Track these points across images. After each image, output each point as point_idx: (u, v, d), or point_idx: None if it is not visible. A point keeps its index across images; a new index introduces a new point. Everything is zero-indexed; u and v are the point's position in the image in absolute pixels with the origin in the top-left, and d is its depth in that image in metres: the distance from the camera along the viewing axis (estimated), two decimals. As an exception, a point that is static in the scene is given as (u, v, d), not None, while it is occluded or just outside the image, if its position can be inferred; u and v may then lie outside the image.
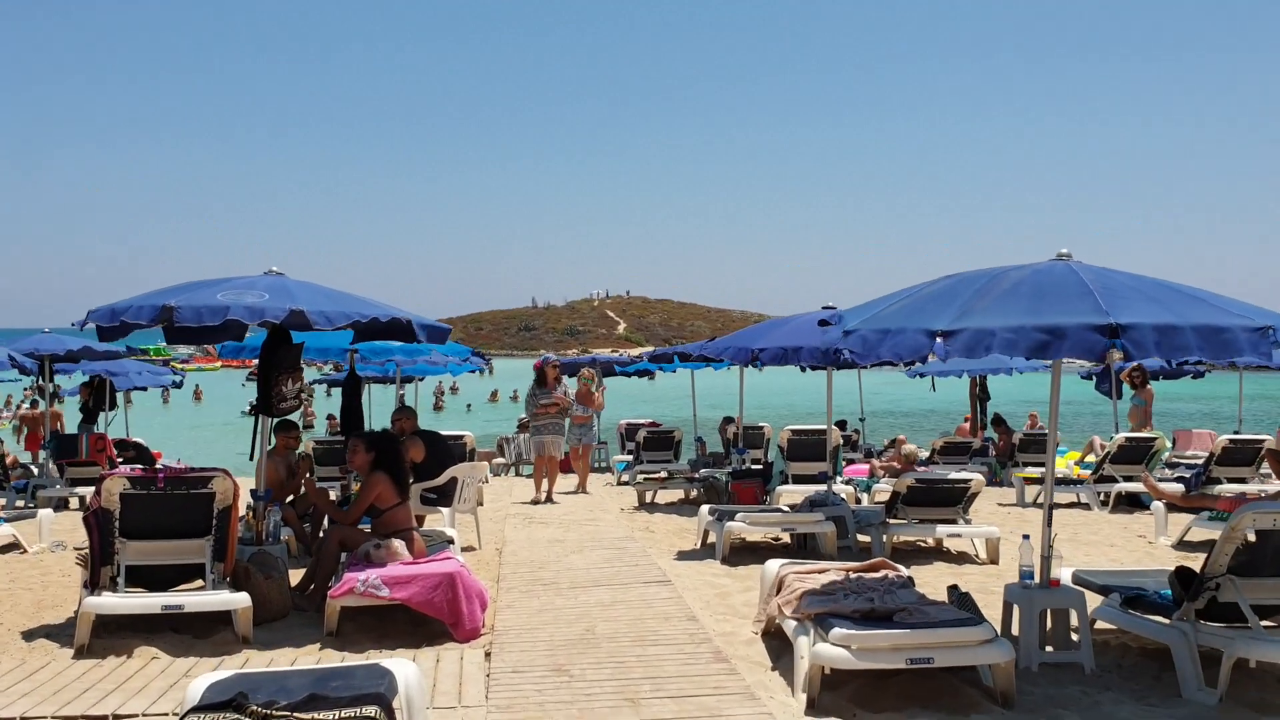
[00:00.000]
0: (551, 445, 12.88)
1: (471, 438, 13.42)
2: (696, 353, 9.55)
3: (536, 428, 12.95)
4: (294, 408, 7.17)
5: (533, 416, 13.01)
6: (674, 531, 10.62)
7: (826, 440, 10.60)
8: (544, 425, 12.86)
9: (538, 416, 12.90)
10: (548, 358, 13.47)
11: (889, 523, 8.66)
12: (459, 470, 9.38)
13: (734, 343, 8.81)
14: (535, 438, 12.96)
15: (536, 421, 12.94)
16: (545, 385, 12.91)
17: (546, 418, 12.85)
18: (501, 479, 18.39)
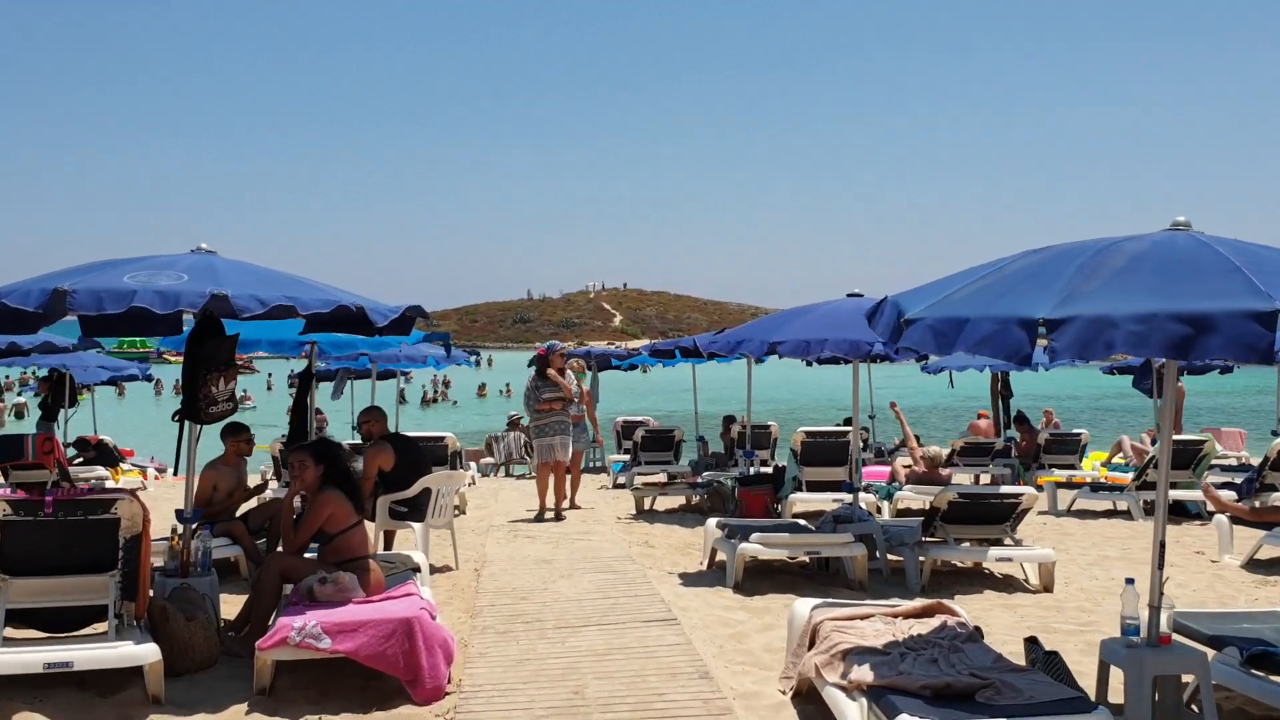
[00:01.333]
0: (560, 448, 10.83)
1: (454, 439, 12.20)
2: (706, 348, 8.33)
3: (540, 429, 10.80)
4: (228, 412, 6.00)
5: (534, 415, 10.85)
6: (676, 547, 9.48)
7: (852, 442, 9.42)
8: (549, 424, 10.77)
9: (541, 415, 10.80)
10: (554, 345, 11.24)
11: (925, 543, 7.53)
12: (433, 481, 8.24)
13: (751, 335, 7.63)
14: (540, 440, 10.78)
15: (540, 420, 10.81)
16: (548, 377, 10.83)
17: (551, 415, 10.78)
18: (490, 480, 17.25)
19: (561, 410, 10.77)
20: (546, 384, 10.78)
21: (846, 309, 7.59)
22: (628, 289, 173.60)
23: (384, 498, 8.20)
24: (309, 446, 6.12)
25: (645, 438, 15.02)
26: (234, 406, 5.99)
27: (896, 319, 4.13)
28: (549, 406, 10.74)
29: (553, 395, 10.74)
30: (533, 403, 10.83)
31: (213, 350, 5.74)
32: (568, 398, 10.81)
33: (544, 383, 10.80)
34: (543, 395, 10.78)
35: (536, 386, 10.85)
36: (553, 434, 10.74)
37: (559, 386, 10.79)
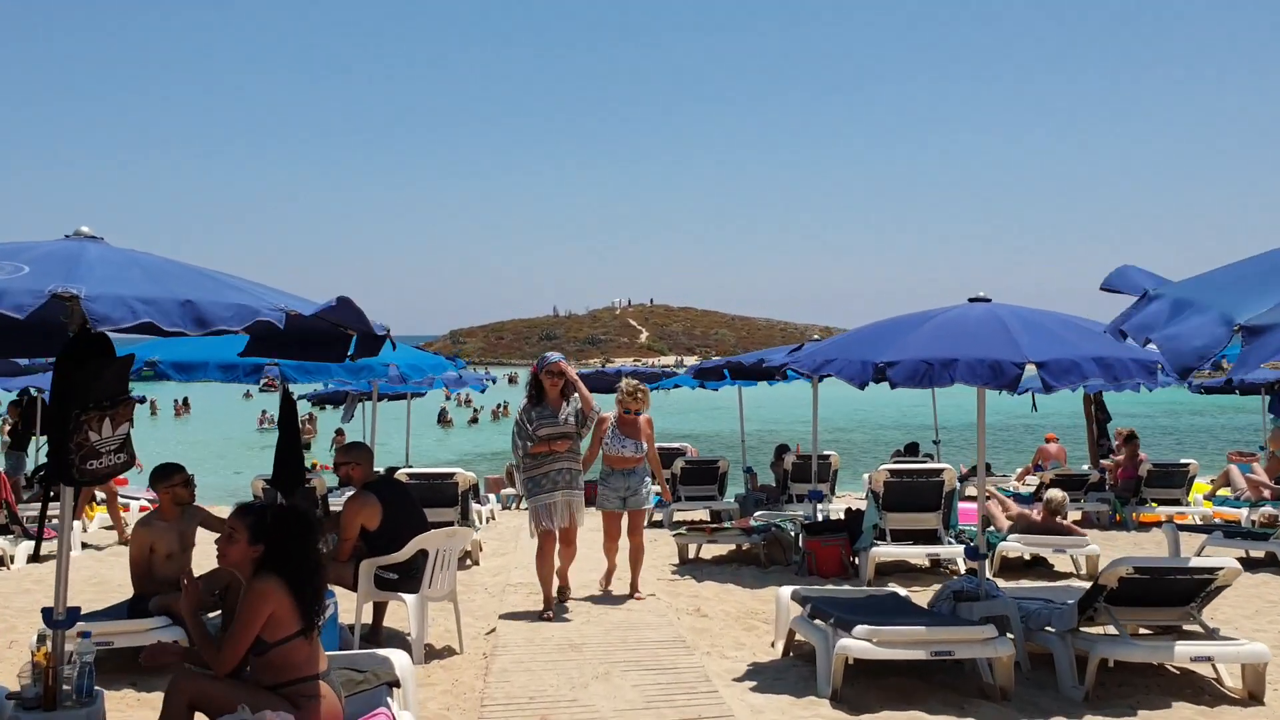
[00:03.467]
0: (560, 511, 7.39)
1: (467, 477, 10.36)
2: (782, 364, 6.38)
3: (532, 480, 7.36)
4: (117, 467, 4.18)
5: (526, 462, 7.40)
6: (736, 616, 7.60)
7: (980, 487, 7.45)
8: (545, 475, 7.35)
9: (535, 461, 7.35)
10: (548, 358, 7.57)
11: (1085, 632, 5.61)
12: (431, 541, 6.42)
13: (845, 352, 5.70)
14: (533, 498, 7.39)
15: (531, 471, 7.37)
16: (546, 402, 7.46)
17: (548, 461, 7.35)
18: (511, 514, 15.43)
19: (568, 452, 7.41)
20: (544, 411, 7.38)
21: (974, 319, 5.71)
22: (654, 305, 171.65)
23: (368, 562, 6.40)
24: (250, 512, 4.27)
25: (685, 469, 13.16)
26: (128, 459, 4.17)
27: (1222, 326, 2.25)
28: (547, 448, 7.33)
29: (551, 430, 7.34)
30: (522, 443, 7.39)
31: (88, 379, 3.92)
32: (573, 435, 7.45)
33: (541, 410, 7.38)
34: (537, 430, 7.32)
35: (528, 418, 7.39)
36: (552, 487, 7.33)
37: (558, 416, 7.39)
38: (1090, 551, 9.06)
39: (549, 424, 7.37)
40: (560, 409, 7.40)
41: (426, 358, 7.43)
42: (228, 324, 3.43)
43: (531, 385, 7.45)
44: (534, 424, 7.35)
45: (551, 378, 7.41)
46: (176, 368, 6.11)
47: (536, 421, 7.35)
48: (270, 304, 3.60)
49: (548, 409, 7.39)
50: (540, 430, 7.34)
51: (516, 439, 7.45)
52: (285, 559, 4.07)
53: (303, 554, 4.13)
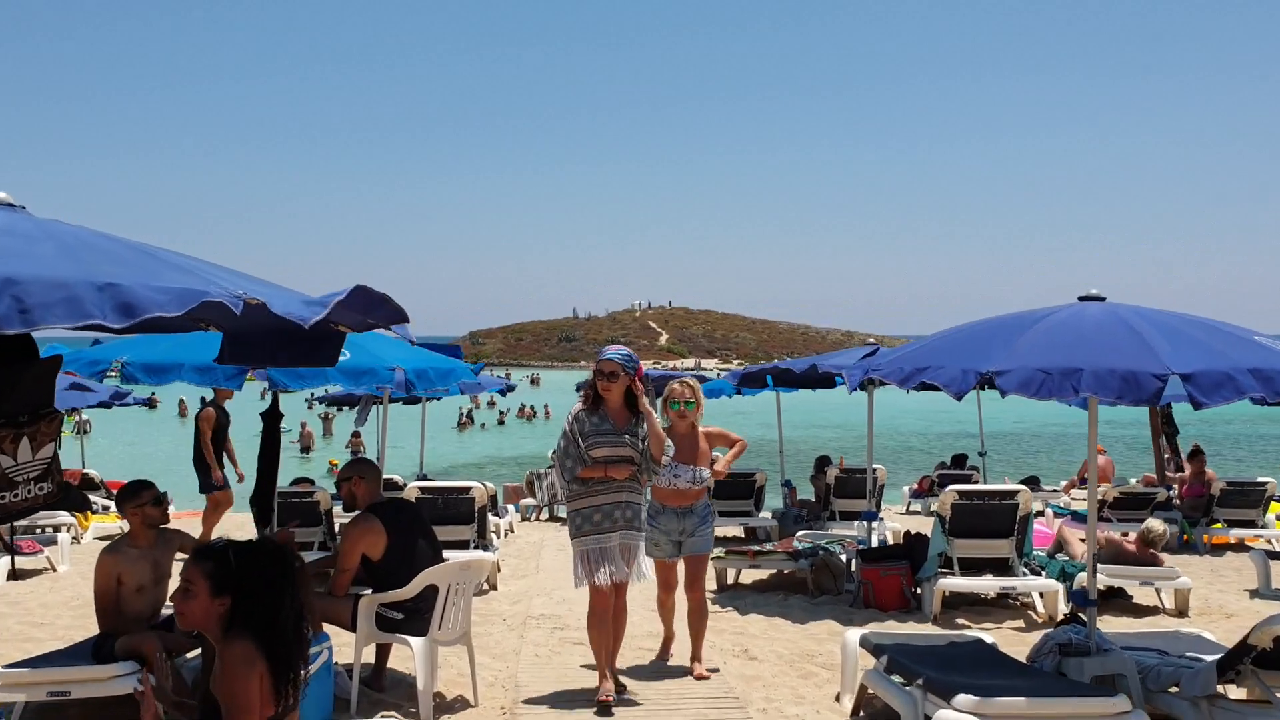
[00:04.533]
0: (616, 560, 5.46)
1: (484, 491, 9.41)
2: (865, 374, 5.36)
3: (580, 515, 5.47)
4: (38, 501, 3.28)
5: (572, 489, 5.49)
6: (789, 659, 6.66)
7: (1091, 519, 6.48)
8: (597, 509, 5.43)
9: (582, 486, 5.44)
10: (606, 352, 5.62)
11: (1227, 700, 4.65)
12: (442, 575, 5.52)
13: (939, 359, 4.73)
14: (580, 539, 5.49)
15: (579, 501, 5.47)
16: (607, 412, 5.48)
17: (603, 490, 5.42)
18: (531, 525, 14.53)
19: (630, 481, 5.43)
20: (603, 426, 5.40)
21: (1093, 321, 4.76)
22: (673, 307, 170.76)
23: (369, 599, 5.50)
24: (208, 556, 3.35)
25: (720, 482, 12.19)
26: (53, 490, 3.27)
27: None
28: (602, 473, 5.36)
29: (609, 452, 5.37)
30: (568, 465, 5.42)
31: (0, 387, 3.03)
32: (650, 457, 5.42)
33: (597, 422, 5.41)
34: (591, 448, 5.37)
35: (576, 432, 5.41)
36: (608, 527, 5.39)
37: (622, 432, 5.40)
38: (1181, 585, 8.08)
39: (607, 442, 5.35)
40: (624, 423, 5.41)
41: (439, 363, 6.45)
42: (164, 309, 2.53)
43: (589, 385, 5.52)
44: (587, 439, 5.34)
45: (603, 380, 5.38)
46: (147, 370, 5.23)
47: (591, 437, 5.34)
48: (223, 287, 2.69)
49: (608, 421, 5.38)
50: (595, 449, 5.34)
51: (564, 456, 5.41)
52: (258, 615, 3.16)
53: (278, 606, 3.21)
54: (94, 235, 3.00)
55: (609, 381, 5.41)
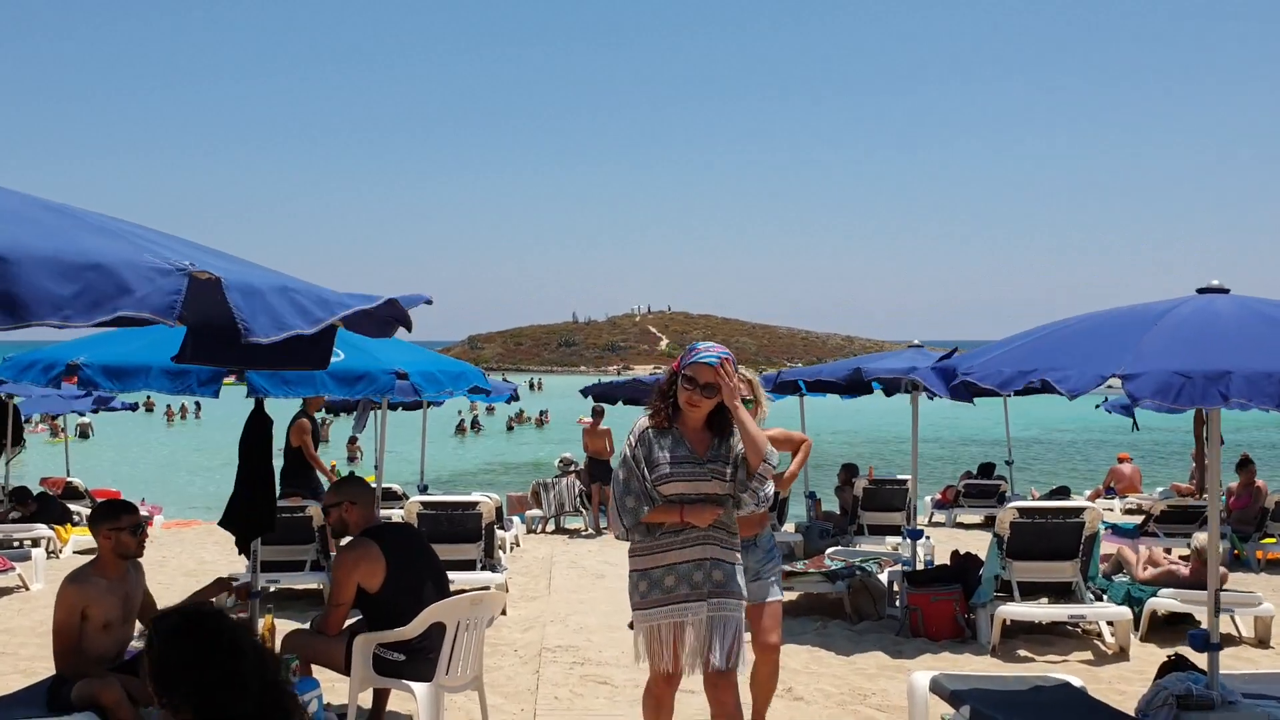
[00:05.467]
0: (706, 638, 3.86)
1: (491, 506, 8.64)
2: (959, 377, 4.50)
3: (645, 578, 3.91)
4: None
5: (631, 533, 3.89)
6: (839, 699, 5.90)
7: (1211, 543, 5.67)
8: (669, 569, 3.86)
9: (649, 535, 3.88)
10: (708, 358, 3.76)
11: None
12: (449, 612, 4.76)
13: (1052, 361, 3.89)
14: (644, 608, 3.93)
15: (644, 556, 3.91)
16: (683, 430, 3.88)
17: (677, 541, 3.85)
18: (538, 539, 13.76)
19: (716, 528, 3.86)
20: (679, 452, 3.85)
21: (1227, 316, 4.01)
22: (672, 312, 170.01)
23: (365, 638, 4.75)
24: (155, 639, 2.54)
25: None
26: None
27: None
28: (678, 517, 3.82)
29: (692, 487, 3.82)
30: (629, 502, 3.83)
31: None
32: (725, 495, 3.86)
33: (670, 444, 3.86)
34: (663, 482, 3.82)
35: (646, 455, 3.85)
36: (681, 595, 3.85)
37: (712, 459, 3.85)
38: (1263, 612, 7.32)
39: (685, 474, 3.78)
40: (707, 448, 3.83)
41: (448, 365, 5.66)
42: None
43: (659, 396, 3.91)
44: (656, 470, 3.78)
45: (694, 392, 3.75)
46: (108, 373, 4.44)
47: (662, 468, 3.77)
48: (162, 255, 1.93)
49: (684, 446, 3.81)
50: (668, 483, 3.77)
51: (623, 492, 3.81)
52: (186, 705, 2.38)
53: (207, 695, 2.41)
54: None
55: (703, 396, 3.72)
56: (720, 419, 3.85)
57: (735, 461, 3.82)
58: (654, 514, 3.80)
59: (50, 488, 15.24)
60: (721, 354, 3.78)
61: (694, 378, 3.77)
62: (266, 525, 5.44)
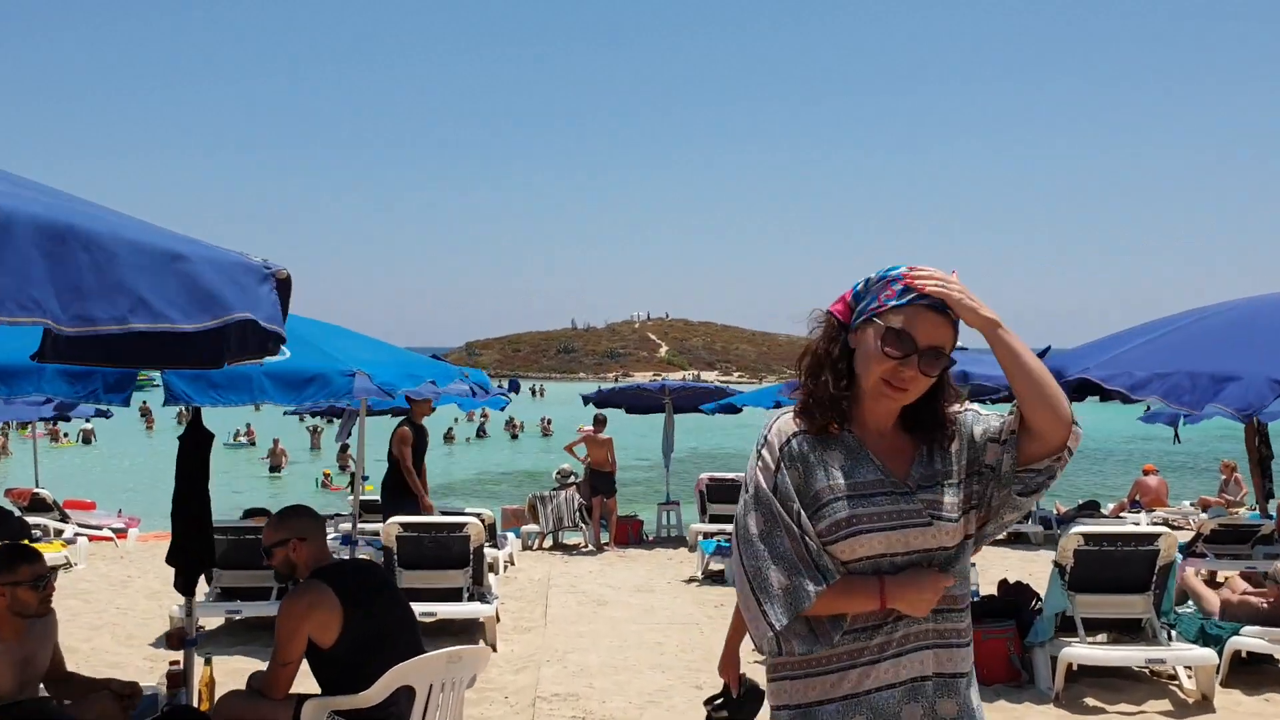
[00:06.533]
0: None
1: (479, 527, 7.65)
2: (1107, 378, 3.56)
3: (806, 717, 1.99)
4: None
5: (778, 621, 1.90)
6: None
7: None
8: (856, 701, 1.96)
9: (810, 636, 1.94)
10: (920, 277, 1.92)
11: None
12: (417, 673, 3.85)
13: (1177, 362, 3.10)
14: None
15: (807, 681, 1.98)
16: (851, 440, 2.01)
17: (873, 651, 1.96)
18: (534, 556, 12.84)
19: (940, 621, 1.98)
20: (859, 472, 1.98)
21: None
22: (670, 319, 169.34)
23: (317, 704, 3.84)
24: None
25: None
26: None
27: None
28: (877, 603, 1.94)
29: (900, 544, 1.95)
30: (773, 573, 1.91)
31: None
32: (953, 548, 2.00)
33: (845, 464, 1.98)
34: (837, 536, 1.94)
35: (797, 491, 1.95)
36: None
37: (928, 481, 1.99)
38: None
39: (882, 514, 1.96)
40: (912, 461, 2.02)
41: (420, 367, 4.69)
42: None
43: (812, 371, 2.03)
44: (825, 510, 1.96)
45: (910, 363, 1.92)
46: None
47: (840, 504, 1.96)
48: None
49: (869, 463, 1.99)
50: (851, 535, 1.95)
51: (762, 564, 1.93)
52: None
53: None
54: None
55: (924, 368, 1.92)
56: (929, 408, 2.00)
57: (973, 474, 2.00)
58: (830, 599, 1.91)
59: (15, 499, 14.33)
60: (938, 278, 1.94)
61: (907, 332, 1.89)
62: (205, 560, 4.57)
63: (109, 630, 7.83)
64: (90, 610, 8.66)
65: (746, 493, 1.99)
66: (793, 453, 1.98)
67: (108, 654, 7.04)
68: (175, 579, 4.49)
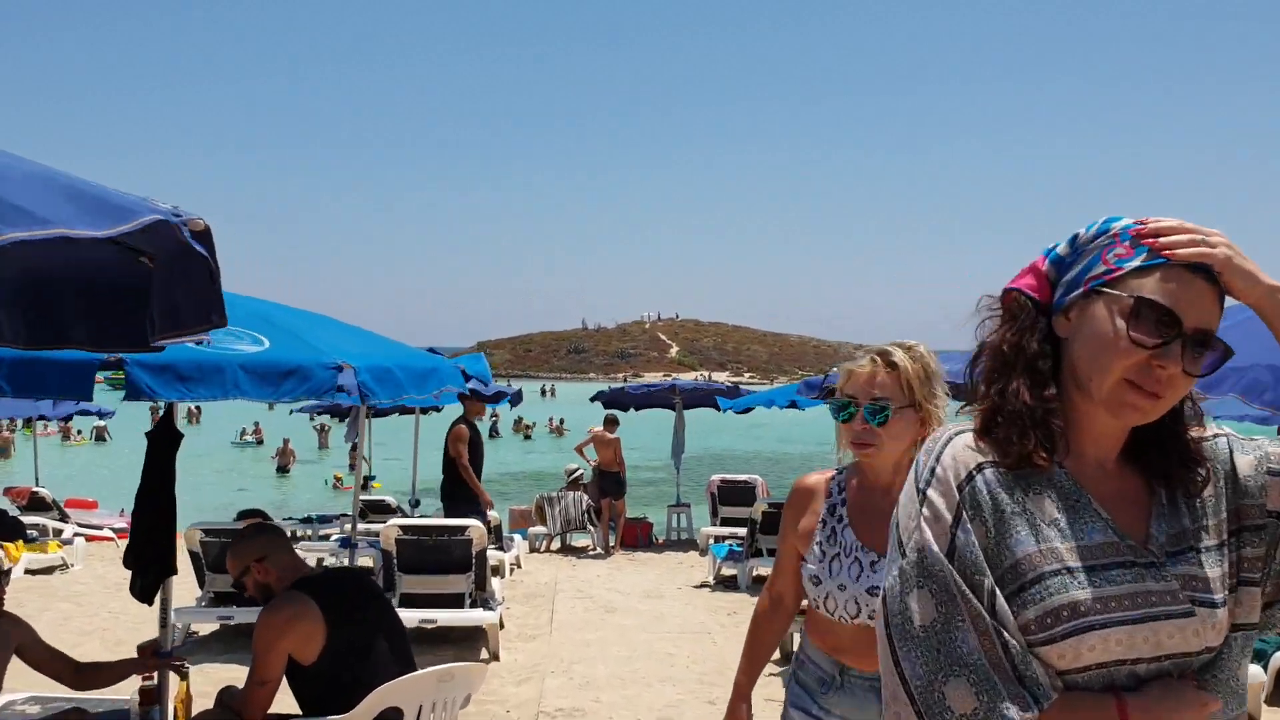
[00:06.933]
0: None
1: (482, 530, 7.29)
2: None
3: None
4: None
5: None
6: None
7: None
8: None
9: None
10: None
11: None
12: (405, 693, 3.52)
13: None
14: None
15: None
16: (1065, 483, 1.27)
17: None
18: (542, 559, 12.52)
19: None
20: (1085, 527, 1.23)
21: None
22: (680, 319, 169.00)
23: (293, 729, 3.52)
24: None
25: (769, 514, 10.19)
26: None
27: None
28: None
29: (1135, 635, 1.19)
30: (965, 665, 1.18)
31: None
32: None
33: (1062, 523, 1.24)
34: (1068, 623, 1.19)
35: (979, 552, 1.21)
36: None
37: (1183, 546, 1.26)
38: None
39: (1121, 596, 1.21)
40: (1148, 514, 1.29)
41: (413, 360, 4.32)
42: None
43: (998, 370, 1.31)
44: (1028, 585, 1.21)
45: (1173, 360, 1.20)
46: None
47: (1060, 579, 1.21)
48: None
49: (1093, 516, 1.26)
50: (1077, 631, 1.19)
51: (935, 669, 1.20)
52: None
53: None
54: None
55: (1189, 366, 1.22)
56: (1172, 430, 1.32)
57: (1245, 529, 1.32)
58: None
59: (13, 498, 14.11)
60: None
61: (1165, 306, 1.22)
62: (165, 569, 4.27)
63: (99, 636, 7.54)
64: (82, 614, 8.38)
65: (903, 558, 1.25)
66: (979, 497, 1.25)
67: (94, 661, 6.74)
68: (131, 584, 4.20)
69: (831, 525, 2.35)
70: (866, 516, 2.30)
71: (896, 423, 2.23)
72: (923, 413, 2.25)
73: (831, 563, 2.30)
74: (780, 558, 2.53)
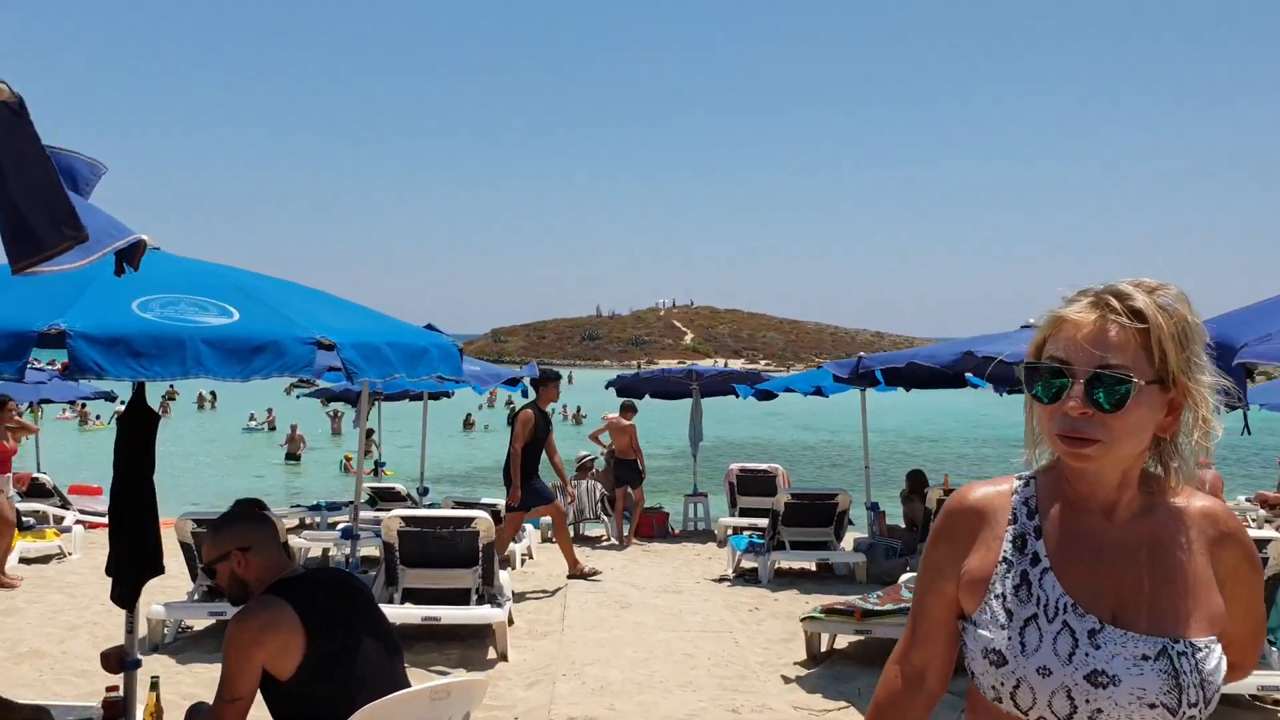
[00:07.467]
0: None
1: (489, 522, 6.86)
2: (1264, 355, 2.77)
3: None
4: None
5: None
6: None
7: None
8: None
9: None
10: None
11: None
12: (392, 715, 3.09)
13: None
14: None
15: None
16: None
17: None
18: (552, 547, 12.06)
19: None
20: None
21: None
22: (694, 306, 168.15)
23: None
24: None
25: (791, 505, 9.76)
26: None
27: None
28: None
29: None
30: None
31: None
32: None
33: None
34: None
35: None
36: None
37: None
38: None
39: None
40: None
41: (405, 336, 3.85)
42: None
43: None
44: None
45: None
46: None
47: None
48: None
49: None
50: None
51: None
52: None
53: None
54: None
55: None
56: None
57: None
58: None
59: (15, 484, 13.75)
60: None
61: None
62: (152, 567, 3.84)
63: (87, 631, 7.16)
64: (73, 606, 8.01)
65: None
66: None
67: (78, 660, 6.36)
68: (113, 590, 3.76)
69: (1021, 568, 1.47)
70: (1078, 556, 1.46)
71: (1137, 408, 1.38)
72: (1173, 394, 1.40)
73: (1024, 630, 1.43)
74: (922, 613, 1.58)
